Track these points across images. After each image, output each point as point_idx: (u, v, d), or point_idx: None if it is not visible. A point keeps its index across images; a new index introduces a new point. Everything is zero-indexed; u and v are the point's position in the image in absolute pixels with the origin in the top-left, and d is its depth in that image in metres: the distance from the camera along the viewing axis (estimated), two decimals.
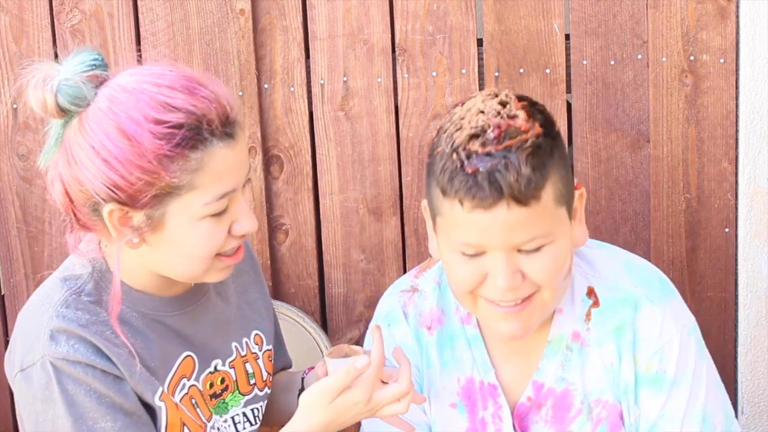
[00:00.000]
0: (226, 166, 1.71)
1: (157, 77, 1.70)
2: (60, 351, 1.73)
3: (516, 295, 1.83)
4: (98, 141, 1.67)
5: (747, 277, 2.60)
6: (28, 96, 1.71)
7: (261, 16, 2.59)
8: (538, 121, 1.79)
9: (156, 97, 1.68)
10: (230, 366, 1.94)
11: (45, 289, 1.83)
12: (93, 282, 1.80)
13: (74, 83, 1.67)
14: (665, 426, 1.93)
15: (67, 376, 1.73)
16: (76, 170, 1.70)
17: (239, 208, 1.76)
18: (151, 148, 1.66)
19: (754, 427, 2.67)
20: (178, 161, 1.67)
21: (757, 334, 2.63)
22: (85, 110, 1.68)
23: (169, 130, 1.67)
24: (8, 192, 2.70)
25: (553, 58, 2.56)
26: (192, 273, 1.79)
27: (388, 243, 2.67)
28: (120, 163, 1.67)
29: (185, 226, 1.72)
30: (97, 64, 1.70)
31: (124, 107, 1.67)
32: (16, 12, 2.62)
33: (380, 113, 2.61)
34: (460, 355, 2.01)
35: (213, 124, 1.69)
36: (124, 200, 1.69)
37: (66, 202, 1.74)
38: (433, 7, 2.55)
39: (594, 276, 1.97)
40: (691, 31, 2.51)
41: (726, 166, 2.57)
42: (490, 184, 1.74)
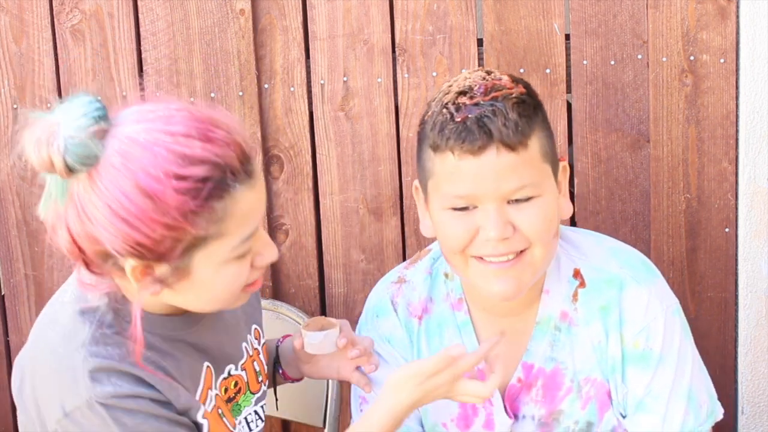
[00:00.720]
0: (250, 207, 1.66)
1: (166, 122, 1.60)
2: (106, 390, 1.68)
3: (507, 248, 1.86)
4: (115, 200, 1.57)
5: (747, 277, 2.60)
6: (30, 154, 1.61)
7: (261, 16, 2.59)
8: (521, 84, 1.89)
9: (173, 149, 1.58)
10: (242, 368, 1.92)
11: (64, 326, 1.74)
12: (112, 313, 1.73)
13: (80, 141, 1.56)
14: (652, 403, 1.97)
15: (120, 411, 1.68)
16: (90, 227, 1.60)
17: (261, 241, 1.72)
18: (175, 204, 1.58)
19: (754, 427, 2.68)
20: (204, 214, 1.60)
21: (757, 334, 2.63)
22: (95, 167, 1.58)
23: (194, 184, 1.58)
24: (8, 192, 2.70)
25: (553, 58, 2.56)
26: (214, 308, 1.76)
27: (388, 243, 2.67)
28: (142, 222, 1.58)
29: (211, 272, 1.67)
30: (100, 115, 1.59)
31: (141, 164, 1.57)
32: (16, 12, 2.62)
33: (380, 113, 2.61)
34: (450, 342, 2.03)
35: (235, 169, 1.62)
36: (148, 256, 1.61)
37: (75, 251, 1.65)
38: (433, 7, 2.55)
39: (580, 258, 2.01)
40: (691, 31, 2.52)
41: (726, 166, 2.57)
42: (479, 128, 1.81)
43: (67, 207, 1.62)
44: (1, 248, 2.73)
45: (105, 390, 1.68)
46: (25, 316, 2.76)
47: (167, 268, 1.64)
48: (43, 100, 2.65)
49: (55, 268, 2.72)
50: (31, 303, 2.75)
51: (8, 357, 2.80)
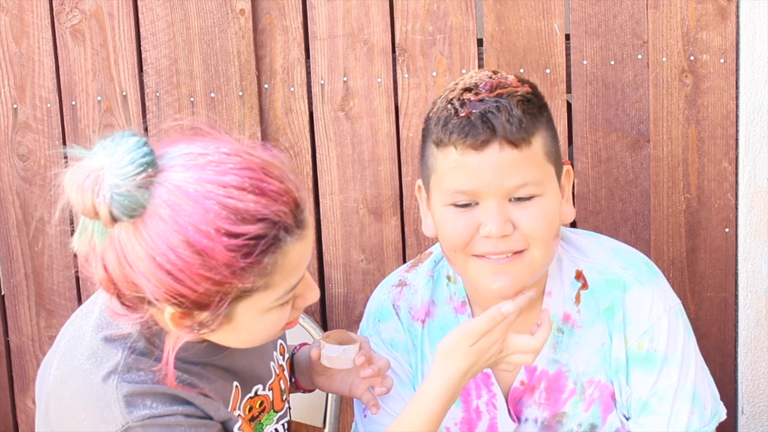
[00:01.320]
0: (299, 259, 1.60)
1: (219, 173, 1.52)
2: (142, 413, 1.63)
3: (506, 246, 1.85)
4: (162, 253, 1.50)
5: (747, 277, 2.60)
6: (73, 200, 1.52)
7: (261, 16, 2.59)
8: (528, 84, 1.89)
9: (226, 204, 1.50)
10: (269, 389, 1.88)
11: (95, 354, 1.68)
12: (144, 340, 1.67)
13: (127, 192, 1.49)
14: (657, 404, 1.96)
15: (158, 428, 1.64)
16: (130, 273, 1.53)
17: (305, 285, 1.67)
18: (224, 261, 1.51)
19: (754, 427, 2.67)
20: (253, 269, 1.54)
21: (757, 334, 2.63)
22: (141, 216, 1.51)
23: (245, 242, 1.51)
24: (8, 192, 2.70)
25: (553, 58, 2.56)
26: (250, 346, 1.71)
27: (388, 243, 2.67)
28: (188, 277, 1.51)
29: (254, 319, 1.62)
30: (148, 162, 1.51)
31: (191, 219, 1.49)
32: (16, 12, 2.62)
33: (380, 113, 2.61)
34: None
35: (289, 225, 1.56)
36: (190, 305, 1.56)
37: (110, 288, 1.58)
38: (433, 7, 2.55)
39: (582, 260, 2.01)
40: (691, 31, 2.52)
41: (726, 166, 2.57)
42: (482, 123, 1.81)
43: (106, 248, 1.54)
44: (1, 248, 2.73)
45: (141, 413, 1.63)
46: (25, 316, 2.76)
47: (207, 316, 1.58)
48: (43, 100, 2.65)
49: (55, 268, 2.72)
50: (31, 303, 2.75)
51: (8, 357, 2.80)
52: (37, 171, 2.69)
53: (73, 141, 2.65)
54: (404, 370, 2.05)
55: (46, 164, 2.68)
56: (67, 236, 2.71)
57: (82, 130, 2.65)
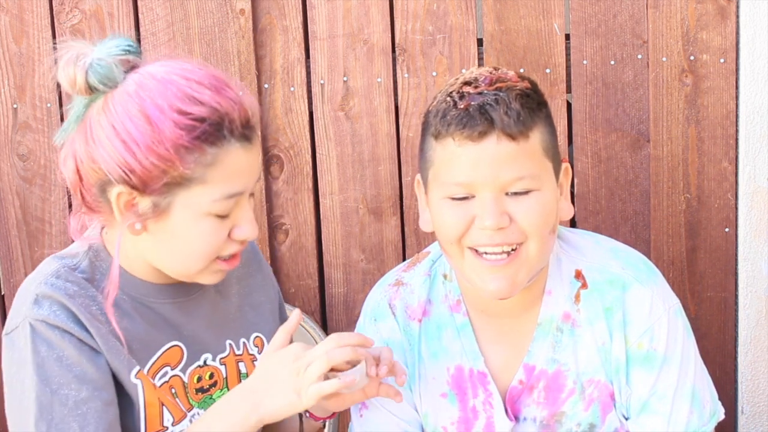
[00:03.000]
0: (238, 166, 1.75)
1: (187, 72, 1.74)
2: (41, 313, 1.76)
3: (503, 239, 1.85)
4: (120, 122, 1.70)
5: (747, 277, 2.60)
6: (58, 71, 1.73)
7: (261, 16, 2.59)
8: (528, 80, 1.89)
9: (184, 89, 1.71)
10: (221, 362, 1.94)
11: (40, 266, 1.85)
12: (88, 260, 1.84)
13: (106, 64, 1.71)
14: (657, 403, 1.96)
15: (42, 338, 1.76)
16: (92, 148, 1.72)
17: (243, 213, 1.79)
18: (171, 136, 1.70)
19: (754, 427, 2.67)
20: (194, 153, 1.71)
21: (757, 334, 2.63)
22: (112, 92, 1.72)
23: (191, 122, 1.70)
24: (8, 192, 2.70)
25: (553, 58, 2.56)
26: (186, 270, 1.81)
27: (388, 243, 2.67)
28: (138, 147, 1.69)
29: (188, 220, 1.75)
30: (131, 50, 1.74)
31: (151, 93, 1.70)
32: (16, 12, 2.62)
33: (380, 113, 2.61)
34: (448, 344, 2.02)
35: (234, 124, 1.73)
36: (135, 184, 1.71)
37: (75, 180, 1.77)
38: (433, 7, 2.56)
39: (581, 259, 2.00)
40: (691, 31, 2.52)
41: (726, 166, 2.57)
42: (480, 115, 1.82)
43: (78, 130, 1.75)
44: (1, 248, 2.73)
45: (41, 313, 1.76)
46: None
47: (149, 204, 1.73)
48: (43, 100, 2.65)
49: None
50: None
51: None
52: (37, 171, 2.69)
53: None
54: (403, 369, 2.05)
55: (46, 164, 2.68)
56: (68, 236, 2.71)
57: None
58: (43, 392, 1.75)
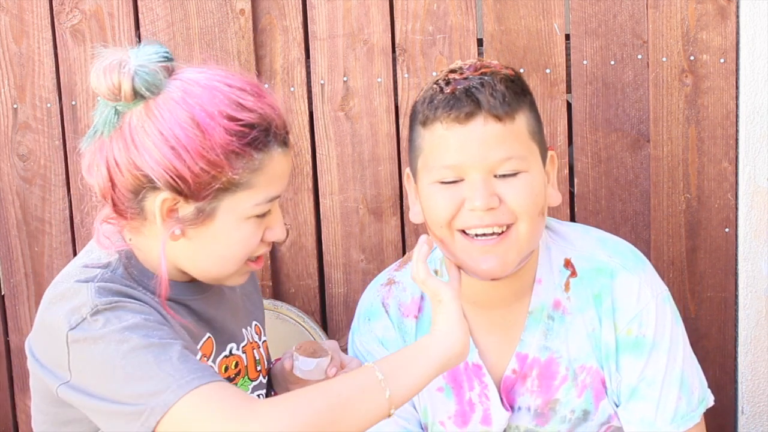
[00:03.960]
0: (280, 170, 1.77)
1: (226, 77, 1.75)
2: (108, 299, 1.72)
3: (493, 219, 1.88)
4: (168, 128, 1.70)
5: (747, 277, 2.60)
6: (98, 79, 1.72)
7: (261, 16, 2.60)
8: (511, 70, 1.94)
9: (230, 95, 1.72)
10: (243, 351, 1.96)
11: (73, 276, 1.79)
12: (122, 267, 1.81)
13: (150, 70, 1.71)
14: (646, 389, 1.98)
15: (121, 312, 1.71)
16: (135, 155, 1.71)
17: (276, 216, 1.82)
18: (222, 142, 1.70)
19: (754, 427, 2.67)
20: (243, 159, 1.72)
21: (757, 334, 2.63)
22: (155, 98, 1.71)
23: (241, 128, 1.71)
24: (8, 192, 2.70)
25: (553, 58, 2.56)
26: (219, 273, 1.82)
27: (388, 243, 2.67)
28: (188, 153, 1.70)
29: (231, 224, 1.76)
30: (168, 57, 1.75)
31: (200, 100, 1.71)
32: (16, 12, 2.62)
33: (380, 113, 2.61)
34: None
35: (278, 129, 1.76)
36: (182, 190, 1.71)
37: (107, 188, 1.75)
38: (433, 7, 2.56)
39: (570, 248, 2.03)
40: (691, 31, 2.52)
41: (726, 166, 2.57)
42: (467, 97, 1.86)
43: (114, 138, 1.73)
44: (1, 248, 2.73)
45: (107, 299, 1.72)
46: (25, 316, 2.76)
47: (192, 210, 1.74)
48: (43, 100, 2.65)
49: (55, 268, 2.72)
50: (31, 303, 2.75)
51: (8, 357, 2.80)
52: (37, 171, 2.69)
53: (73, 141, 2.65)
54: None
55: (46, 164, 2.68)
56: (68, 236, 2.71)
57: (82, 130, 2.65)
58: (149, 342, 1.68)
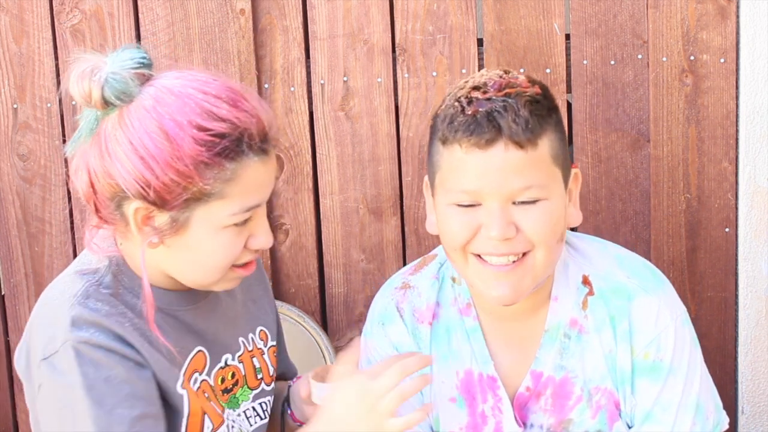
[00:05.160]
0: (257, 180, 1.74)
1: (203, 84, 1.72)
2: (82, 335, 1.73)
3: (509, 248, 1.83)
4: (138, 138, 1.68)
5: (747, 277, 2.60)
6: (72, 85, 1.70)
7: (261, 16, 2.59)
8: (538, 85, 1.86)
9: (202, 104, 1.69)
10: (239, 360, 1.95)
11: (62, 284, 1.83)
12: (111, 275, 1.81)
13: (122, 77, 1.68)
14: (660, 414, 1.94)
15: (88, 360, 1.73)
16: (108, 163, 1.70)
17: (259, 223, 1.79)
18: (191, 152, 1.68)
19: (754, 427, 2.67)
20: (213, 169, 1.69)
21: (757, 334, 2.63)
22: (128, 106, 1.69)
23: (211, 138, 1.69)
24: (8, 192, 2.70)
25: (553, 58, 2.56)
26: (203, 281, 1.81)
27: (389, 243, 2.67)
28: (157, 163, 1.68)
29: (207, 234, 1.74)
30: (145, 63, 1.72)
31: (170, 109, 1.68)
32: (16, 12, 2.62)
33: (380, 113, 2.61)
34: (458, 347, 2.00)
35: (252, 138, 1.72)
36: (153, 200, 1.70)
37: (89, 193, 1.75)
38: (434, 7, 2.56)
39: (588, 265, 1.98)
40: (691, 31, 2.52)
41: (726, 166, 2.57)
42: (488, 122, 1.79)
43: (92, 143, 1.72)
44: (1, 248, 2.73)
45: (81, 335, 1.73)
46: (25, 316, 2.76)
47: (167, 219, 1.72)
48: (43, 100, 2.65)
49: (55, 268, 2.72)
50: (31, 303, 2.75)
51: (8, 357, 2.80)
52: (37, 171, 2.69)
53: None
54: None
55: (46, 164, 2.68)
56: (68, 236, 2.71)
57: None
58: (99, 415, 1.72)
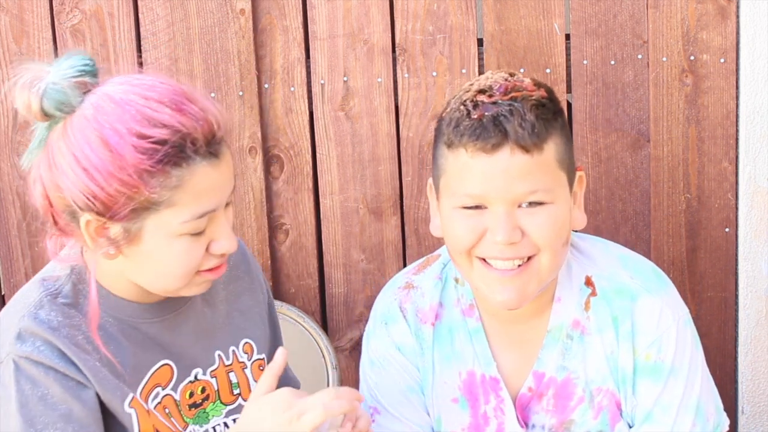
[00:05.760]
0: (207, 185, 1.69)
1: (146, 89, 1.67)
2: (24, 350, 1.71)
3: (514, 253, 1.83)
4: (79, 149, 1.64)
5: (747, 277, 2.60)
6: (15, 96, 1.66)
7: (261, 16, 2.59)
8: (544, 88, 1.85)
9: (142, 111, 1.64)
10: (211, 375, 1.90)
11: (25, 289, 1.80)
12: (71, 284, 1.78)
13: (61, 88, 1.63)
14: (660, 415, 1.94)
15: (26, 376, 1.71)
16: (56, 175, 1.66)
17: (219, 228, 1.73)
18: (132, 161, 1.63)
19: (754, 427, 2.67)
20: (158, 177, 1.64)
21: (757, 334, 2.63)
22: (71, 116, 1.65)
23: (152, 145, 1.63)
24: (8, 192, 2.70)
25: (553, 58, 2.56)
26: (168, 288, 1.76)
27: (389, 243, 2.67)
28: (99, 174, 1.63)
29: (162, 242, 1.70)
30: (87, 70, 1.67)
31: (109, 118, 1.63)
32: (16, 12, 2.62)
33: (380, 113, 2.61)
34: (461, 348, 2.00)
35: (197, 142, 1.66)
36: (102, 211, 1.66)
37: (45, 205, 1.71)
38: (434, 7, 2.56)
39: (591, 266, 1.98)
40: (691, 31, 2.52)
41: (726, 166, 2.57)
42: (494, 127, 1.78)
43: (41, 156, 1.69)
44: (1, 248, 2.73)
45: (24, 349, 1.71)
46: None
47: (120, 230, 1.68)
48: None
49: None
50: None
51: None
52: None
53: None
54: (412, 375, 2.03)
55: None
56: None
57: None
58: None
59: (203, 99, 1.72)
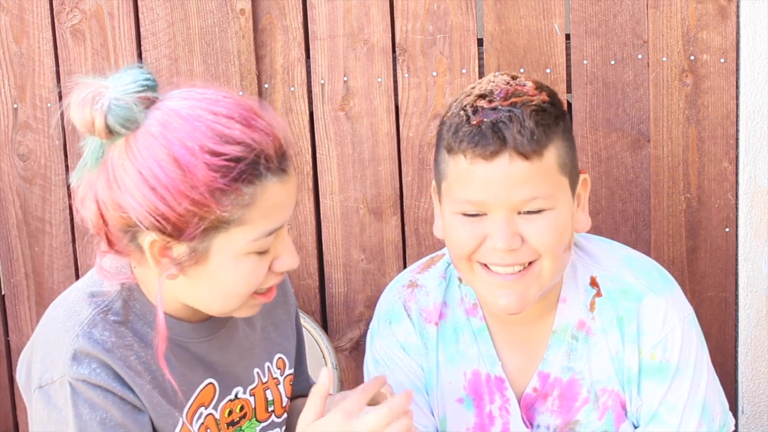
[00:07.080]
0: (277, 202, 1.64)
1: (212, 103, 1.61)
2: (81, 372, 1.65)
3: (514, 259, 1.82)
4: (147, 167, 1.57)
5: (747, 277, 2.60)
6: (73, 113, 1.58)
7: (261, 16, 2.59)
8: (546, 92, 1.83)
9: (213, 127, 1.58)
10: (251, 394, 1.87)
11: (71, 303, 1.73)
12: (121, 300, 1.72)
13: (125, 104, 1.57)
14: (666, 415, 1.94)
15: (84, 399, 1.66)
16: (118, 195, 1.59)
17: (283, 245, 1.69)
18: (205, 180, 1.57)
19: (754, 427, 2.67)
20: (231, 195, 1.59)
21: (757, 334, 2.63)
22: (134, 133, 1.58)
23: (226, 162, 1.58)
24: (8, 192, 2.70)
25: (553, 58, 2.56)
26: (224, 309, 1.72)
27: (389, 243, 2.67)
28: (169, 193, 1.57)
29: (228, 262, 1.64)
30: (149, 84, 1.61)
31: (179, 134, 1.57)
32: (16, 12, 2.62)
33: (380, 113, 2.61)
34: (466, 348, 2.00)
35: (270, 159, 1.61)
36: (169, 231, 1.60)
37: (99, 225, 1.64)
38: (434, 7, 2.56)
39: (596, 267, 1.97)
40: (691, 31, 2.52)
41: (726, 166, 2.57)
42: (493, 133, 1.77)
43: (98, 173, 1.61)
44: (1, 248, 2.73)
45: (81, 371, 1.65)
46: (25, 316, 2.76)
47: (185, 250, 1.62)
48: (43, 99, 2.65)
49: (55, 268, 2.72)
50: (31, 303, 2.75)
51: (8, 357, 2.80)
52: (37, 171, 2.69)
53: (73, 141, 2.65)
54: (416, 374, 2.03)
55: (46, 164, 2.68)
56: (68, 236, 2.71)
57: None
58: None
59: (268, 113, 1.66)
